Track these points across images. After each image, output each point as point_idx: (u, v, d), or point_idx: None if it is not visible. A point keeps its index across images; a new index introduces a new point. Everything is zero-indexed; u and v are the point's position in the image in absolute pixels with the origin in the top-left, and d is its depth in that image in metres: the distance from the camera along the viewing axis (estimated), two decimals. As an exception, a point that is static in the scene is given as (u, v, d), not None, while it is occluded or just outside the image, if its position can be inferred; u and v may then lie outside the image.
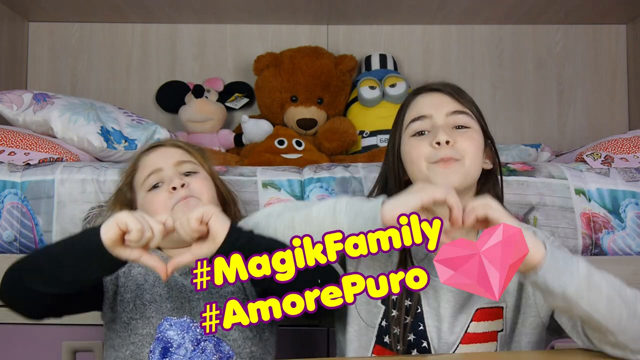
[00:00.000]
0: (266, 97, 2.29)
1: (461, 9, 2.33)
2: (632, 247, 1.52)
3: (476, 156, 1.13)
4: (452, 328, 1.13)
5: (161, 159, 1.25)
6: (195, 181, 1.23)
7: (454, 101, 1.16)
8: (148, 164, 1.26)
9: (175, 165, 1.24)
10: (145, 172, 1.24)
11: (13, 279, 1.05)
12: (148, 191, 1.22)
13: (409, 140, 1.16)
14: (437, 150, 1.11)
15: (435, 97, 1.18)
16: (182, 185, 1.20)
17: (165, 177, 1.22)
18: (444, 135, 1.10)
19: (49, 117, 1.78)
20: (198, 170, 1.26)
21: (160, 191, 1.21)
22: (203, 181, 1.24)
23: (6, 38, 2.29)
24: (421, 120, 1.16)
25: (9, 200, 1.52)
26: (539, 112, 2.49)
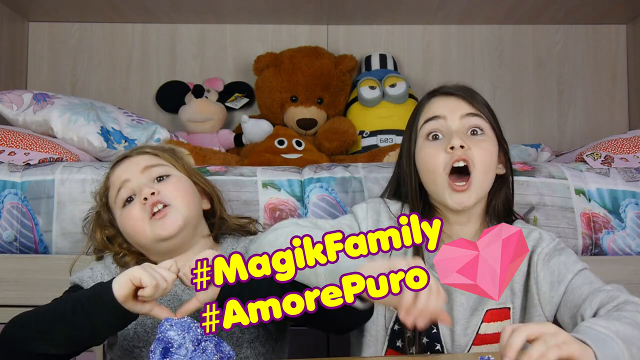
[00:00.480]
0: (266, 97, 2.29)
1: (461, 9, 2.33)
2: (632, 247, 1.52)
3: (489, 167, 1.15)
4: (464, 330, 1.14)
5: (127, 170, 1.21)
6: (167, 186, 1.18)
7: (467, 104, 1.18)
8: (116, 178, 1.21)
9: (142, 172, 1.20)
10: (115, 187, 1.20)
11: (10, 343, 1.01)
12: (122, 207, 1.19)
13: (424, 143, 1.18)
14: (451, 155, 1.13)
15: (449, 100, 1.19)
16: (153, 194, 1.16)
17: (135, 188, 1.18)
18: (458, 140, 1.12)
19: (49, 117, 1.78)
20: (169, 172, 1.22)
21: (134, 205, 1.17)
22: (175, 184, 1.19)
23: (6, 38, 2.29)
24: (435, 120, 1.17)
25: (9, 200, 1.52)
26: (539, 112, 2.49)
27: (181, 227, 1.16)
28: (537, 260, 1.15)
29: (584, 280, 1.10)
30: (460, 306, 1.15)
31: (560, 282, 1.11)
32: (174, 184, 1.19)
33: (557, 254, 1.15)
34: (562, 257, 1.15)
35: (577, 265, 1.13)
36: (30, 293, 1.48)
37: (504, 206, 1.22)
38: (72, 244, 1.51)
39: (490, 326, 1.14)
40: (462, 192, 1.12)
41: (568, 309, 1.10)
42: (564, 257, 1.15)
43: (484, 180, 1.15)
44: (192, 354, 0.86)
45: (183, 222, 1.16)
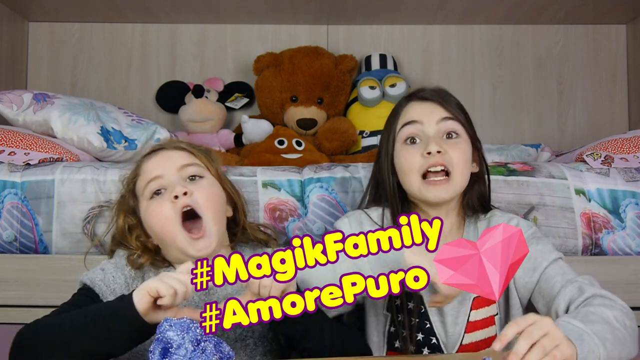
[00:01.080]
0: (266, 97, 2.29)
1: (461, 9, 2.33)
2: (632, 247, 1.52)
3: (465, 167, 1.22)
4: (455, 320, 1.19)
5: (162, 164, 1.18)
6: (199, 189, 1.16)
7: (442, 109, 1.24)
8: (148, 169, 1.19)
9: (178, 170, 1.17)
10: (146, 178, 1.18)
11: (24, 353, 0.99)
12: (150, 199, 1.17)
13: (401, 147, 1.24)
14: (427, 159, 1.19)
15: (425, 105, 1.25)
16: (185, 194, 1.14)
17: (167, 184, 1.16)
18: (435, 145, 1.19)
19: (49, 117, 1.78)
20: (203, 174, 1.20)
21: (162, 201, 1.15)
22: (207, 189, 1.17)
23: (6, 38, 2.29)
24: (412, 125, 1.23)
25: (9, 200, 1.52)
26: (539, 112, 2.49)
27: (213, 251, 1.15)
28: None
29: (557, 270, 1.16)
30: None
31: (535, 269, 1.17)
32: (206, 189, 1.17)
33: (535, 242, 1.20)
34: (539, 245, 1.20)
35: (552, 254, 1.19)
36: (30, 293, 1.48)
37: (479, 200, 1.28)
38: (72, 244, 1.51)
39: (479, 312, 1.20)
40: (440, 186, 1.19)
41: (542, 297, 1.15)
42: (541, 245, 1.20)
43: (460, 178, 1.21)
44: (191, 354, 0.85)
45: (215, 246, 1.16)
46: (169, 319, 0.88)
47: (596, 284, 1.10)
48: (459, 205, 1.27)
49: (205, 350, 0.86)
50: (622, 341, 0.98)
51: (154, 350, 0.87)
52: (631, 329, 1.02)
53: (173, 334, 0.86)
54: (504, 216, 1.27)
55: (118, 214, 1.24)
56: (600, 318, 0.99)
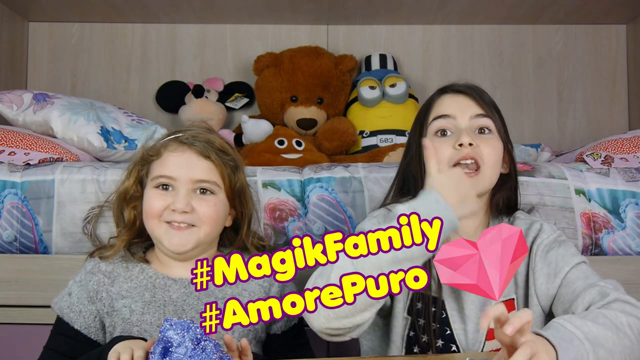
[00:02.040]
0: (266, 97, 2.29)
1: (461, 9, 2.33)
2: (632, 247, 1.52)
3: (496, 164, 1.17)
4: (476, 327, 1.15)
5: (180, 169, 1.17)
6: (203, 207, 1.16)
7: (477, 105, 1.19)
8: (167, 164, 1.18)
9: (192, 182, 1.16)
10: (161, 170, 1.18)
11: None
12: (155, 187, 1.18)
13: (432, 139, 1.18)
14: (459, 151, 1.14)
15: (460, 99, 1.21)
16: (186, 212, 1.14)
17: (175, 188, 1.16)
18: (467, 137, 1.14)
19: (49, 117, 1.78)
20: (216, 191, 1.18)
21: (164, 198, 1.16)
22: (213, 208, 1.17)
23: (6, 38, 2.29)
24: (445, 118, 1.19)
25: (9, 200, 1.52)
26: (539, 112, 2.49)
27: (188, 250, 1.17)
28: (536, 252, 1.17)
29: (579, 274, 1.11)
30: (472, 304, 1.16)
31: (557, 275, 1.13)
32: (210, 207, 1.17)
33: (557, 245, 1.17)
34: (560, 249, 1.16)
35: (574, 258, 1.14)
36: (30, 293, 1.48)
37: (505, 204, 1.24)
38: (72, 244, 1.51)
39: None
40: (470, 179, 1.12)
41: (561, 303, 1.11)
42: (563, 249, 1.16)
43: (491, 174, 1.16)
44: (191, 352, 0.86)
45: (192, 246, 1.17)
46: (169, 318, 0.88)
47: (620, 289, 1.06)
48: (487, 205, 1.22)
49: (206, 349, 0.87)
50: (627, 350, 0.95)
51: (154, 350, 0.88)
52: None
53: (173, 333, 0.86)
54: (527, 219, 1.23)
55: (130, 174, 1.23)
56: (610, 323, 0.96)
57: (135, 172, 1.23)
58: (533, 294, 1.16)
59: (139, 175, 1.22)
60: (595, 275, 1.12)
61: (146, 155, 1.22)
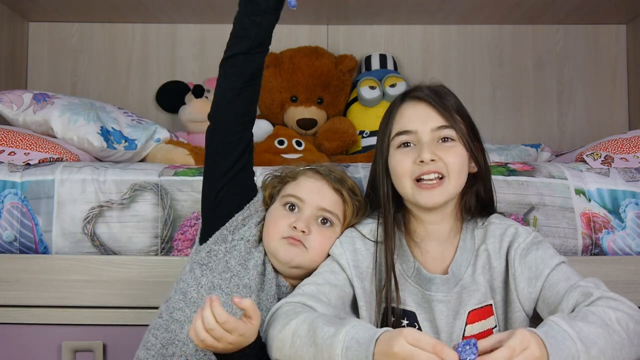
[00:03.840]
0: (266, 97, 2.29)
1: (461, 9, 2.33)
2: (632, 247, 1.52)
3: (461, 171, 1.17)
4: (450, 336, 1.15)
5: (312, 194, 1.24)
6: (319, 235, 1.22)
7: (438, 114, 1.18)
8: (301, 187, 1.26)
9: (317, 209, 1.23)
10: (294, 191, 1.25)
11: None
12: (283, 205, 1.25)
13: (395, 152, 1.20)
14: (420, 166, 1.15)
15: (420, 109, 1.19)
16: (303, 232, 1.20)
17: (302, 208, 1.23)
18: (427, 153, 1.14)
19: (49, 117, 1.78)
20: (334, 224, 1.25)
21: (288, 217, 1.23)
22: (327, 240, 1.23)
23: (6, 38, 2.29)
24: (406, 134, 1.19)
25: (9, 200, 1.52)
26: (539, 112, 2.49)
27: (294, 266, 1.22)
28: (515, 256, 1.16)
29: (560, 276, 1.12)
30: (441, 314, 1.16)
31: (538, 278, 1.13)
32: (325, 239, 1.23)
33: (535, 248, 1.17)
34: (539, 251, 1.16)
35: (554, 259, 1.15)
36: (30, 293, 1.48)
37: (477, 202, 1.23)
38: (72, 244, 1.51)
39: (475, 326, 1.16)
40: (433, 190, 1.15)
41: (546, 305, 1.12)
42: (541, 251, 1.16)
43: (455, 181, 1.17)
44: None
45: (297, 264, 1.22)
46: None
47: (602, 286, 1.07)
48: (456, 209, 1.22)
49: None
50: (617, 346, 0.96)
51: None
52: (634, 332, 0.99)
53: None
54: (502, 223, 1.21)
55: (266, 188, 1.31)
56: (600, 320, 0.97)
57: (270, 187, 1.31)
58: (515, 299, 1.15)
59: (272, 190, 1.30)
60: (575, 275, 1.12)
61: (285, 177, 1.30)
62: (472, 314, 1.16)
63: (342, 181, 1.27)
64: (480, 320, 1.16)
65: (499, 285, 1.17)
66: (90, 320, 1.47)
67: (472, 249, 1.20)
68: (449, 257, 1.19)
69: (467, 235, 1.21)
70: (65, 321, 1.48)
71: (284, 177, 1.31)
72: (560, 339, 0.91)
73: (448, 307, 1.15)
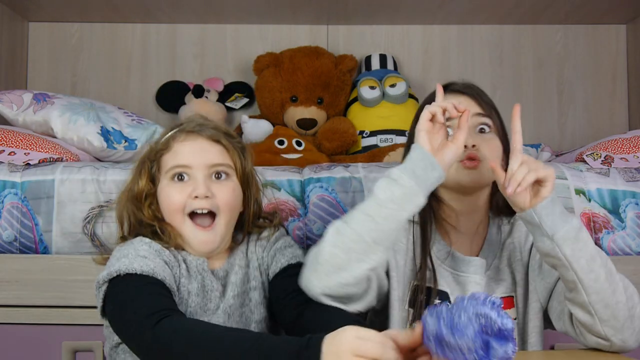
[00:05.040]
0: (266, 97, 2.29)
1: (461, 9, 2.33)
2: (632, 247, 1.52)
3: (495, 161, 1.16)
4: None
5: (194, 155, 1.16)
6: (222, 191, 1.15)
7: (477, 104, 1.21)
8: (179, 153, 1.17)
9: (207, 167, 1.16)
10: (173, 161, 1.16)
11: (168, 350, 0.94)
12: (171, 179, 1.16)
13: None
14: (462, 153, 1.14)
15: (459, 99, 1.21)
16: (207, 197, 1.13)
17: (191, 176, 1.15)
18: (470, 139, 1.15)
19: (49, 117, 1.78)
20: (230, 173, 1.18)
21: (182, 189, 1.14)
22: (231, 192, 1.17)
23: (6, 38, 2.29)
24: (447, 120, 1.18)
25: (9, 200, 1.52)
26: (539, 112, 2.49)
27: (215, 248, 1.16)
28: (536, 253, 1.19)
29: None
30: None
31: (552, 271, 1.15)
32: (229, 192, 1.16)
33: None
34: None
35: None
36: (30, 293, 1.48)
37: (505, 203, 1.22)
38: (72, 244, 1.51)
39: None
40: (474, 169, 1.15)
41: (557, 295, 1.14)
42: None
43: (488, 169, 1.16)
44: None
45: (218, 244, 1.16)
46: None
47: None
48: (487, 203, 1.24)
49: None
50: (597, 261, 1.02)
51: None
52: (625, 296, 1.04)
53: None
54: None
55: (141, 173, 1.20)
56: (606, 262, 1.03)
57: (146, 170, 1.20)
58: (533, 289, 1.18)
59: (150, 173, 1.20)
60: None
61: (155, 151, 1.21)
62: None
63: (216, 129, 1.20)
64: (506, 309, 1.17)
65: (521, 277, 1.20)
66: (90, 320, 1.47)
67: (499, 242, 1.23)
68: (477, 248, 1.22)
69: (494, 230, 1.25)
70: (65, 321, 1.48)
71: (155, 152, 1.19)
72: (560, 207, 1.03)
73: (483, 290, 1.18)
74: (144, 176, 1.20)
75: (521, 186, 1.01)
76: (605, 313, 1.02)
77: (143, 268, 1.06)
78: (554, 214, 1.01)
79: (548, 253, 1.03)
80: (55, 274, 1.48)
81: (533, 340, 1.18)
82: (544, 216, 1.01)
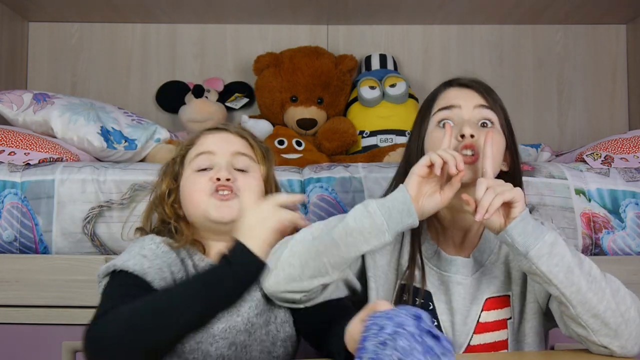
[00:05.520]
0: (266, 97, 2.29)
1: (461, 9, 2.33)
2: (632, 247, 1.52)
3: (495, 157, 1.15)
4: (464, 320, 1.15)
5: (219, 144, 1.19)
6: (244, 180, 1.17)
7: (481, 97, 1.21)
8: (205, 143, 1.20)
9: (231, 154, 1.18)
10: (199, 150, 1.19)
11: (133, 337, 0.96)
12: (196, 171, 1.18)
13: (434, 129, 1.19)
14: (459, 142, 1.14)
15: (465, 91, 1.23)
16: (228, 180, 1.15)
17: (215, 164, 1.17)
18: (469, 129, 1.13)
19: (49, 117, 1.78)
20: (252, 169, 1.20)
21: (204, 176, 1.16)
22: (252, 183, 1.18)
23: (6, 38, 2.29)
24: (449, 109, 1.19)
25: (9, 200, 1.52)
26: (539, 112, 2.49)
27: (235, 218, 1.13)
28: None
29: None
30: (459, 296, 1.16)
31: None
32: (250, 183, 1.18)
33: None
34: None
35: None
36: (30, 293, 1.48)
37: None
38: (72, 244, 1.51)
39: (491, 314, 1.16)
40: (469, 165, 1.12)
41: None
42: None
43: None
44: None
45: (237, 214, 1.13)
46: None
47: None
48: None
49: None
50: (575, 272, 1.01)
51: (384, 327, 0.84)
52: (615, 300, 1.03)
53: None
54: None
55: (164, 177, 1.23)
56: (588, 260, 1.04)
57: (170, 170, 1.23)
58: (531, 290, 1.17)
59: (174, 171, 1.22)
60: None
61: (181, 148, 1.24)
62: (489, 302, 1.16)
63: (242, 129, 1.26)
64: (497, 309, 1.17)
65: (518, 276, 1.18)
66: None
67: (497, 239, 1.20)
68: (472, 244, 1.20)
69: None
70: (65, 321, 1.48)
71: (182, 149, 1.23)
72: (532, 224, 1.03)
73: (466, 290, 1.16)
74: (167, 177, 1.22)
75: (488, 212, 1.01)
76: (595, 323, 1.01)
77: (136, 267, 1.07)
78: (525, 232, 1.02)
79: (528, 271, 1.04)
80: (55, 274, 1.48)
81: (530, 340, 1.16)
82: (516, 236, 1.02)
